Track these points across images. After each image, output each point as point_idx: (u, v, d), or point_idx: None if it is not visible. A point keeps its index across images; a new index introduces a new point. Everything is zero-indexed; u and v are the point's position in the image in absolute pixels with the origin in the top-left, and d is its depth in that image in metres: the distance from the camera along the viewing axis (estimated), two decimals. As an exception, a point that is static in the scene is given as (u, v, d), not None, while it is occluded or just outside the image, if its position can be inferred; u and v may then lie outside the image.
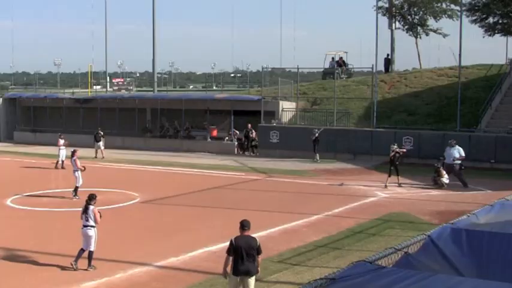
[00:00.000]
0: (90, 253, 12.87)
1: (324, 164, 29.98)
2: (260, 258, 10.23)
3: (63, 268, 12.95)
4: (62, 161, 28.95)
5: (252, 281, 10.08)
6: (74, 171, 21.51)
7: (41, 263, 13.37)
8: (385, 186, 23.18)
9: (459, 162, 23.71)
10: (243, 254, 9.93)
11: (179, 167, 29.39)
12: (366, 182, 24.58)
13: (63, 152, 28.96)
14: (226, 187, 24.05)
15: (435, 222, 16.24)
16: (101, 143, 33.51)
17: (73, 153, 21.85)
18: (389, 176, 23.37)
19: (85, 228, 13.02)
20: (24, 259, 13.70)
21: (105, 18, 57.77)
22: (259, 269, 10.28)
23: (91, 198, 13.27)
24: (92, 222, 12.98)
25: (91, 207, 13.11)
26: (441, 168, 23.43)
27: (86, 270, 12.69)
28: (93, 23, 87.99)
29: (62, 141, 29.63)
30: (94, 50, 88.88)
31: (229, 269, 10.04)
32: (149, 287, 12.02)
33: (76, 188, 21.18)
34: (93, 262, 12.86)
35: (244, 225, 10.23)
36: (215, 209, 19.25)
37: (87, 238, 12.94)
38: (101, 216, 13.17)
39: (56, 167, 28.92)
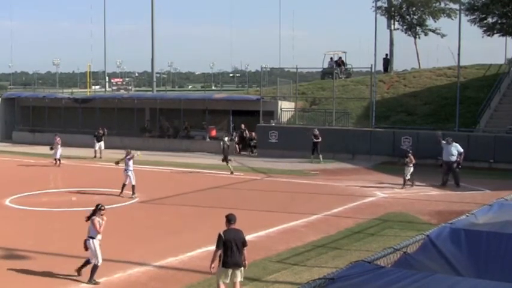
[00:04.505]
0: None
1: (323, 164, 29.97)
2: (246, 251, 10.67)
3: (62, 268, 12.94)
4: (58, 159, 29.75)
5: (240, 272, 10.57)
6: (126, 170, 21.66)
7: (40, 263, 13.36)
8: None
9: (457, 159, 23.56)
10: (232, 247, 10.41)
11: (178, 167, 29.39)
12: (364, 182, 24.58)
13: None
14: (225, 187, 24.05)
15: (434, 222, 16.25)
16: (102, 143, 33.65)
17: (127, 153, 22.16)
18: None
19: None
20: (23, 259, 13.70)
21: (104, 18, 57.73)
22: (246, 262, 10.69)
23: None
24: None
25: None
26: (410, 155, 23.05)
27: None
28: (92, 23, 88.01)
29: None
30: (93, 49, 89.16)
31: (216, 263, 10.47)
32: (148, 286, 12.03)
33: (133, 187, 21.47)
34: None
35: (230, 219, 10.74)
36: (214, 209, 19.23)
37: None
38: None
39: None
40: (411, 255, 5.56)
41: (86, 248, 12.40)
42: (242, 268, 10.62)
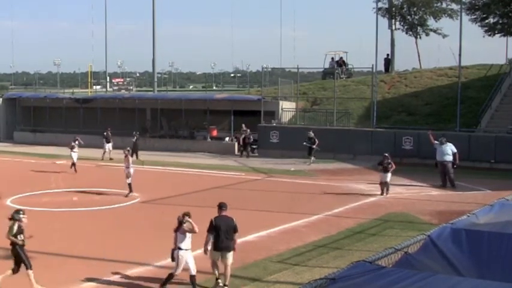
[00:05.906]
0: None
1: (324, 164, 29.97)
2: (236, 236, 11.56)
3: (62, 268, 12.94)
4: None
5: (230, 255, 11.43)
6: (127, 167, 21.81)
7: (41, 263, 13.35)
8: None
9: (452, 159, 23.44)
10: (222, 232, 11.31)
11: (179, 167, 29.38)
12: (365, 182, 24.56)
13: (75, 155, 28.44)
14: (226, 187, 24.04)
15: (435, 222, 16.24)
16: (111, 144, 33.32)
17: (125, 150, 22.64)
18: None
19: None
20: (24, 259, 13.67)
21: (105, 18, 57.75)
22: (235, 246, 11.58)
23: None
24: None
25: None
26: (391, 162, 22.20)
27: None
28: (93, 23, 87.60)
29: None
30: (94, 49, 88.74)
31: (209, 247, 11.43)
32: (148, 287, 12.02)
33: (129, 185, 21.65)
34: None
35: (222, 206, 11.73)
36: (215, 209, 19.20)
37: None
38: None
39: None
40: (412, 256, 5.55)
41: (173, 258, 11.78)
42: (232, 252, 11.43)
